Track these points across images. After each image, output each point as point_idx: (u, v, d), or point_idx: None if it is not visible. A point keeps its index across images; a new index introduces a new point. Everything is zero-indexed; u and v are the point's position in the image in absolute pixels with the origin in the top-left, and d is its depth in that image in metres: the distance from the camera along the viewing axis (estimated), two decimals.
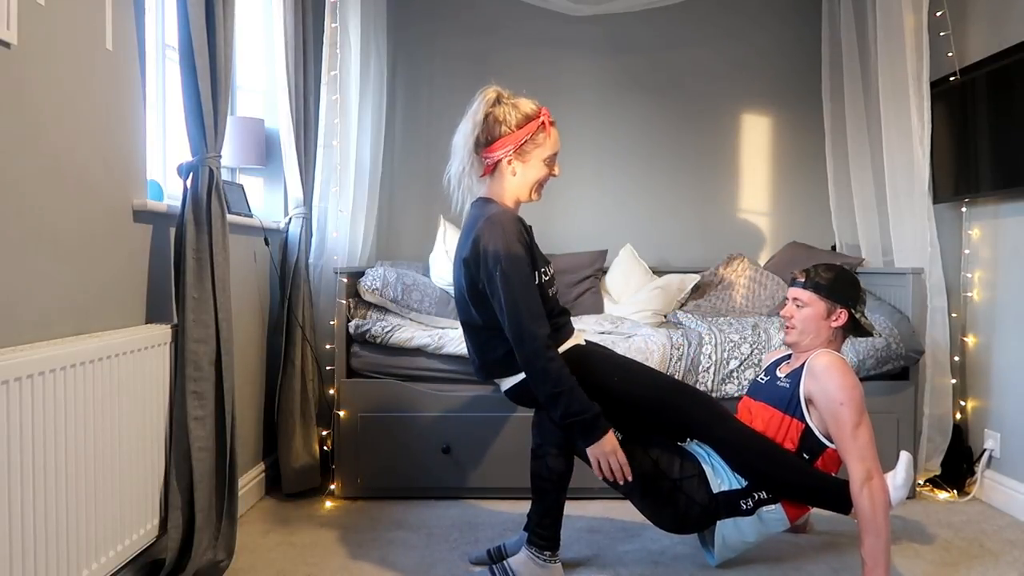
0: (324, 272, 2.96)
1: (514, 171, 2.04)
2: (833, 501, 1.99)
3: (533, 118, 2.02)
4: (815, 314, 2.09)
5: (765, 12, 3.78)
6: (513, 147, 2.01)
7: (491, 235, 1.92)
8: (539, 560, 2.07)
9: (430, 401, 2.75)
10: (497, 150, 2.01)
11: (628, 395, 2.03)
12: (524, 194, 2.08)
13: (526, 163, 2.04)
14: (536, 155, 2.04)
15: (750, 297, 3.26)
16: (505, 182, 2.06)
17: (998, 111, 2.70)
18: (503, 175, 2.05)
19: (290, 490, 2.77)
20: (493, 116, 2.01)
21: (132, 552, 1.82)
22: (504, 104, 2.03)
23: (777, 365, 2.23)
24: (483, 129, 2.01)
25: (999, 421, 2.80)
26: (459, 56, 3.74)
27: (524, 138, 2.01)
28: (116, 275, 1.88)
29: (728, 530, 2.03)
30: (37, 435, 1.46)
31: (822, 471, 2.02)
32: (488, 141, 2.02)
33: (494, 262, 1.91)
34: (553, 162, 2.09)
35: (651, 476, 2.02)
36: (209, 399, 2.00)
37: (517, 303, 1.89)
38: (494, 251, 1.91)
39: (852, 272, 2.16)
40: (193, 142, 2.00)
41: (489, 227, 1.94)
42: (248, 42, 2.99)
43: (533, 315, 1.89)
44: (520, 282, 1.90)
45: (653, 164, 3.82)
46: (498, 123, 2.00)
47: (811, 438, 2.02)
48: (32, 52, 1.57)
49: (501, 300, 1.91)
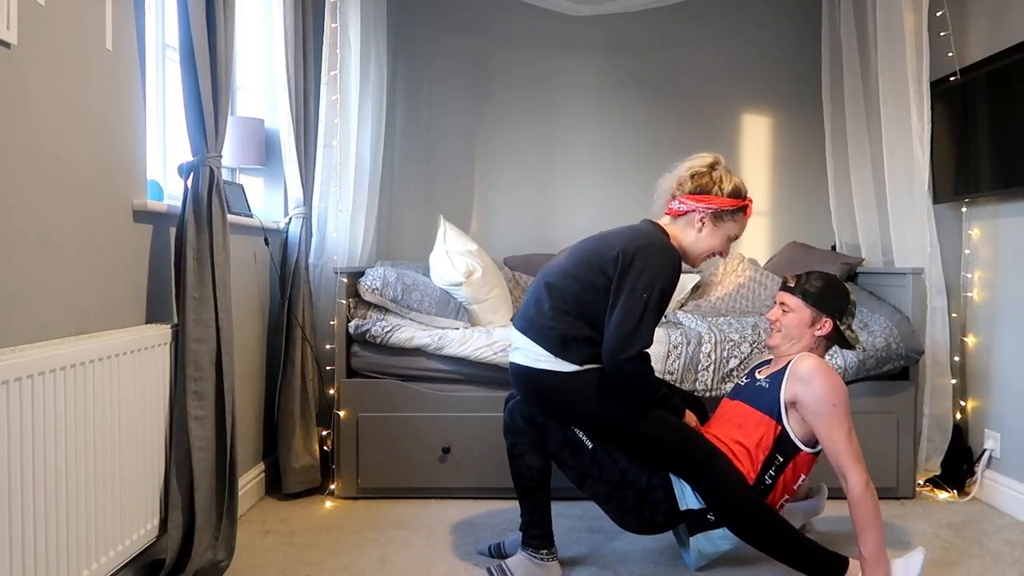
0: (324, 272, 2.96)
1: (700, 229, 2.08)
2: (812, 566, 1.95)
3: (742, 198, 2.09)
4: (800, 320, 2.10)
5: (765, 12, 3.78)
6: (713, 210, 2.06)
7: (656, 262, 1.95)
8: (536, 559, 2.07)
9: (430, 401, 2.75)
10: (700, 202, 2.06)
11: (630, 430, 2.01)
12: (694, 254, 2.12)
13: (715, 229, 2.08)
14: (725, 229, 2.10)
15: (750, 297, 3.26)
16: (687, 233, 2.10)
17: (998, 111, 2.70)
18: (690, 226, 2.09)
19: (290, 490, 2.77)
20: (710, 175, 2.08)
21: (132, 552, 1.82)
22: (723, 172, 2.10)
23: (757, 368, 2.24)
24: (695, 176, 2.08)
25: (999, 421, 2.80)
26: (459, 56, 3.74)
27: (726, 207, 2.06)
28: (116, 275, 1.88)
29: (702, 544, 2.05)
30: (37, 435, 1.46)
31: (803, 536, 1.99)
32: (695, 191, 2.07)
33: (652, 274, 1.92)
34: (730, 244, 2.13)
35: (617, 485, 2.03)
36: (209, 399, 2.00)
37: (646, 318, 1.91)
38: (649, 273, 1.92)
39: (844, 284, 2.16)
40: (193, 142, 2.00)
41: (661, 250, 1.98)
42: (248, 42, 2.99)
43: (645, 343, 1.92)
44: (657, 306, 1.93)
45: (653, 164, 3.78)
46: (713, 183, 2.07)
47: (786, 441, 2.02)
48: (32, 52, 1.57)
49: (633, 306, 1.91)
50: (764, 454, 2.02)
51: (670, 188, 2.12)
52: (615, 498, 2.05)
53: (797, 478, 2.06)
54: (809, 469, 2.08)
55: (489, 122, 3.79)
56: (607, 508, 2.09)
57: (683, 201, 2.08)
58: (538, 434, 2.06)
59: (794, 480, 2.06)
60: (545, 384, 2.00)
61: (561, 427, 2.04)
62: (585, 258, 2.03)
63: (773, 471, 2.03)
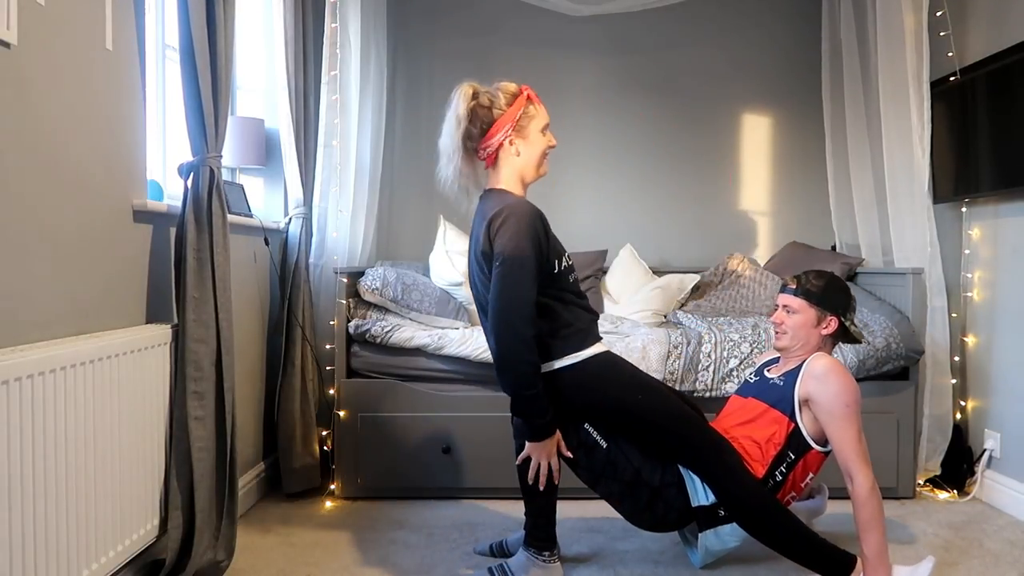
0: (324, 272, 2.95)
1: (518, 151, 2.04)
2: (820, 563, 1.95)
3: (519, 94, 2.04)
4: (805, 321, 2.10)
5: (765, 12, 3.78)
6: (511, 125, 2.01)
7: (503, 229, 1.91)
8: (538, 560, 2.07)
9: (430, 401, 2.75)
10: (495, 134, 2.02)
11: (643, 417, 2.01)
12: (532, 170, 2.07)
13: (526, 138, 2.04)
14: (533, 127, 2.04)
15: (750, 297, 3.26)
16: (512, 164, 2.05)
17: (998, 111, 2.70)
18: (508, 158, 2.04)
19: (290, 490, 2.77)
20: (479, 104, 2.02)
21: (132, 552, 1.82)
22: (486, 92, 2.04)
23: (766, 367, 2.24)
24: (472, 121, 2.01)
25: (999, 421, 2.80)
26: (459, 56, 3.74)
27: (518, 114, 2.02)
28: (116, 275, 1.88)
29: (710, 540, 2.04)
30: (37, 435, 1.46)
31: (812, 532, 2.00)
32: (483, 129, 2.02)
33: (499, 256, 1.90)
34: (547, 132, 2.09)
35: (631, 484, 2.02)
36: (209, 399, 2.00)
37: (510, 300, 1.88)
38: (500, 246, 1.90)
39: (843, 280, 2.16)
40: (193, 142, 2.00)
41: (502, 222, 1.92)
42: (248, 42, 2.99)
43: (523, 316, 1.88)
44: (515, 281, 1.88)
45: (653, 164, 3.82)
46: (488, 108, 2.02)
47: (798, 438, 2.02)
48: (32, 52, 1.57)
49: (496, 293, 1.90)
50: (776, 450, 2.02)
51: (458, 148, 2.01)
52: (629, 497, 2.04)
53: (806, 476, 2.06)
54: (818, 468, 2.07)
55: None
56: (620, 507, 2.08)
57: (485, 147, 2.04)
58: None
59: (803, 478, 2.06)
60: (562, 381, 1.99)
61: (575, 428, 2.03)
62: (474, 267, 2.04)
63: (784, 468, 2.03)
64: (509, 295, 1.88)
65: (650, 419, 2.00)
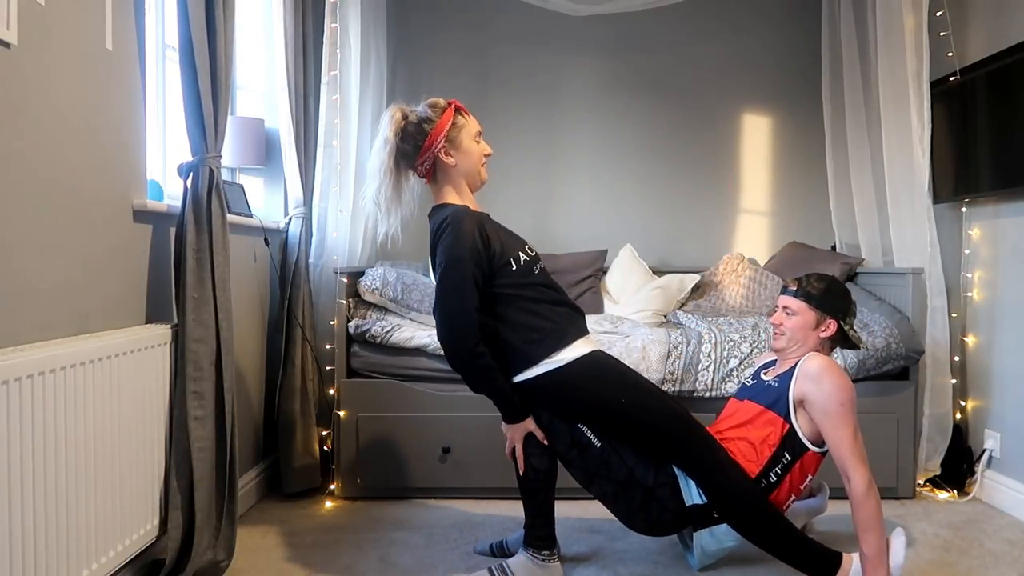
0: (324, 272, 2.95)
1: (454, 161, 2.08)
2: (808, 563, 1.96)
3: (447, 108, 2.09)
4: (804, 323, 2.10)
5: (765, 12, 3.78)
6: (443, 138, 2.06)
7: (443, 239, 1.99)
8: (538, 560, 2.07)
9: (430, 401, 2.75)
10: (429, 147, 2.06)
11: (632, 417, 2.02)
12: (474, 176, 2.13)
13: (460, 148, 2.09)
14: (464, 136, 2.09)
15: (750, 297, 3.26)
16: (450, 176, 2.11)
17: (998, 111, 2.70)
18: (446, 169, 2.10)
19: (290, 490, 2.77)
20: (410, 123, 2.07)
21: (132, 552, 1.82)
22: (414, 111, 2.09)
23: (763, 369, 2.24)
24: (405, 139, 2.07)
25: (999, 421, 2.80)
26: (459, 56, 3.74)
27: (447, 125, 2.06)
28: (116, 275, 1.88)
29: (706, 540, 2.04)
30: (37, 435, 1.46)
31: (802, 532, 2.00)
32: (417, 146, 2.07)
33: (440, 264, 1.98)
34: (481, 140, 2.14)
35: (625, 484, 2.02)
36: (209, 399, 2.00)
37: (450, 306, 1.94)
38: (440, 256, 1.99)
39: (844, 284, 2.16)
40: (193, 142, 2.00)
41: (443, 233, 2.00)
42: (248, 42, 2.99)
43: (464, 320, 1.93)
44: (452, 284, 1.94)
45: (653, 164, 3.82)
46: (418, 124, 2.06)
47: (794, 439, 2.02)
48: (32, 52, 1.57)
49: (436, 299, 1.97)
50: (770, 451, 2.02)
51: (389, 170, 2.07)
52: (623, 497, 2.04)
53: (804, 478, 2.06)
54: (816, 469, 2.07)
55: (488, 122, 3.74)
56: (615, 508, 2.09)
57: (422, 162, 2.08)
58: (545, 435, 2.06)
59: (801, 480, 2.06)
60: (544, 387, 2.01)
61: (568, 427, 2.04)
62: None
63: (779, 469, 2.02)
64: (449, 301, 1.95)
65: (638, 418, 2.01)
